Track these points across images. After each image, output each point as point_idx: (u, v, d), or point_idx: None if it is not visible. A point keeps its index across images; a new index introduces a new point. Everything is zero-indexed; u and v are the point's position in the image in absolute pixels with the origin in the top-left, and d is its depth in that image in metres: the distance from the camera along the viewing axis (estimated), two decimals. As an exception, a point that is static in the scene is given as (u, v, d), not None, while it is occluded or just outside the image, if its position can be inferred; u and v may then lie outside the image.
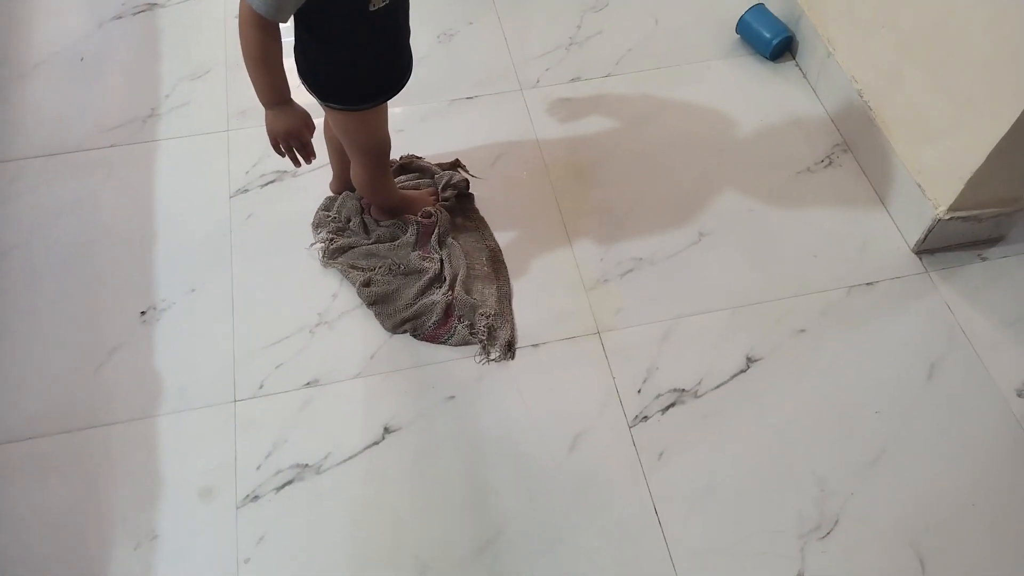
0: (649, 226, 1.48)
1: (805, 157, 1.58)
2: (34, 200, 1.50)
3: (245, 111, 1.65)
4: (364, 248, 1.41)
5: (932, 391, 1.29)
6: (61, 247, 1.43)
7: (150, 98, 1.67)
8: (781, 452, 1.23)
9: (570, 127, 1.63)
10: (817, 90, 1.68)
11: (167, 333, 1.34)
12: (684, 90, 1.69)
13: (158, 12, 1.85)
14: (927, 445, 1.24)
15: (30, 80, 1.70)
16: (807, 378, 1.30)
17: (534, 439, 1.24)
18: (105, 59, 1.75)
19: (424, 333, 1.33)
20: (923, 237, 1.41)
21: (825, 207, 1.51)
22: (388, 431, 1.24)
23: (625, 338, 1.34)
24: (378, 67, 1.16)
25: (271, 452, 1.21)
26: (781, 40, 1.71)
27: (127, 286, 1.39)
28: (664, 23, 1.82)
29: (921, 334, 1.35)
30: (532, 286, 1.40)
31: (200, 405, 1.26)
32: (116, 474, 1.19)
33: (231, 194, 1.52)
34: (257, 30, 1.02)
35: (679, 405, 1.28)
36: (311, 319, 1.35)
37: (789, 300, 1.39)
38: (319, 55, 1.12)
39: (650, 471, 1.21)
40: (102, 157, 1.57)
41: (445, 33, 1.80)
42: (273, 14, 0.99)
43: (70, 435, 1.23)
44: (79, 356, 1.30)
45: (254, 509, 1.16)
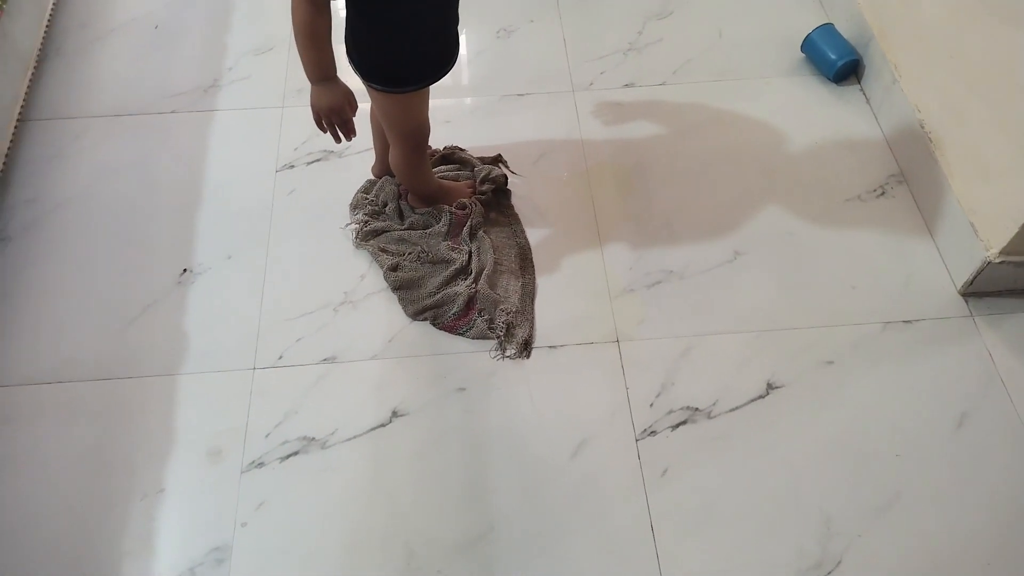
0: (684, 239, 1.45)
1: (857, 184, 1.53)
2: (94, 157, 1.57)
3: (302, 89, 1.68)
4: (396, 233, 1.43)
5: (960, 440, 1.23)
6: (113, 204, 1.50)
7: (214, 69, 1.73)
8: (790, 484, 1.19)
9: (617, 132, 1.62)
10: (879, 117, 1.62)
11: (199, 296, 1.38)
12: (740, 105, 1.66)
13: (233, -13, 1.91)
14: (946, 496, 1.18)
15: (106, 43, 1.78)
16: (828, 411, 1.26)
17: (539, 440, 1.23)
18: (178, 28, 1.82)
19: (443, 322, 1.34)
20: (971, 279, 1.35)
21: (871, 237, 1.45)
22: (396, 415, 1.25)
23: (644, 349, 1.32)
24: (422, 52, 1.18)
25: (281, 422, 1.24)
26: (847, 62, 1.65)
27: (169, 247, 1.44)
28: (728, 35, 1.79)
29: (956, 380, 1.29)
30: (557, 287, 1.40)
31: (221, 368, 1.30)
32: (134, 426, 1.24)
33: (277, 168, 1.56)
34: (308, 5, 1.05)
35: (690, 424, 1.25)
36: (337, 297, 1.38)
37: (820, 329, 1.34)
38: (366, 35, 1.14)
39: (652, 487, 1.19)
40: (162, 122, 1.63)
41: (505, 29, 1.81)
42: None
43: (97, 383, 1.28)
44: (116, 309, 1.36)
45: (258, 475, 1.20)
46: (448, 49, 1.22)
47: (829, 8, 1.80)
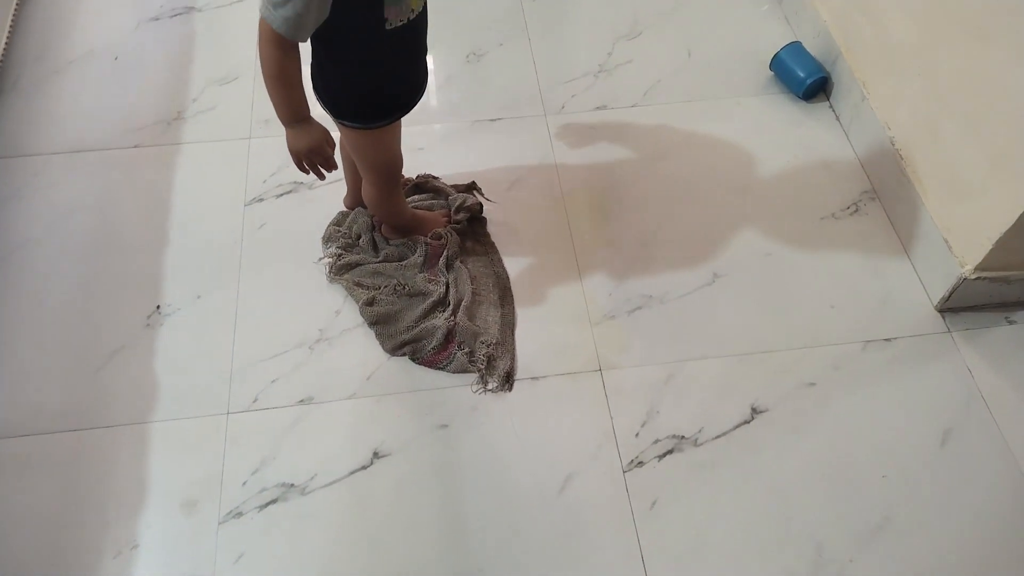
0: (663, 264, 1.44)
1: (831, 202, 1.54)
2: (54, 196, 1.52)
3: (269, 120, 1.65)
4: (371, 266, 1.41)
5: (945, 458, 1.23)
6: (74, 245, 1.45)
7: (178, 101, 1.69)
8: (779, 511, 1.18)
9: (591, 156, 1.61)
10: (849, 134, 1.63)
11: (169, 339, 1.34)
12: (711, 125, 1.66)
13: (195, 16, 1.87)
14: (935, 516, 1.18)
15: (64, 76, 1.73)
16: (813, 434, 1.25)
17: (525, 476, 1.21)
18: (138, 60, 1.77)
19: (423, 357, 1.31)
20: (948, 295, 1.36)
21: (847, 256, 1.46)
22: (377, 456, 1.22)
23: (627, 378, 1.31)
24: (392, 86, 1.16)
25: (258, 468, 1.20)
26: (815, 80, 1.66)
27: (135, 288, 1.40)
28: (697, 56, 1.79)
29: (938, 397, 1.29)
30: (537, 317, 1.38)
31: (193, 414, 1.26)
32: (104, 478, 1.19)
33: (246, 202, 1.52)
34: (276, 49, 1.02)
35: (677, 452, 1.24)
36: (312, 335, 1.35)
37: (801, 351, 1.34)
38: (334, 73, 1.12)
39: (641, 520, 1.17)
40: (124, 157, 1.59)
41: (475, 53, 1.79)
42: (293, 34, 0.99)
43: (63, 435, 1.23)
44: (81, 356, 1.31)
45: (236, 526, 1.15)
46: (418, 80, 1.20)
47: (796, 26, 1.82)
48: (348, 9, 1.00)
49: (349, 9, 1.00)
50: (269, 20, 0.98)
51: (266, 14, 0.98)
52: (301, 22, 0.98)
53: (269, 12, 0.97)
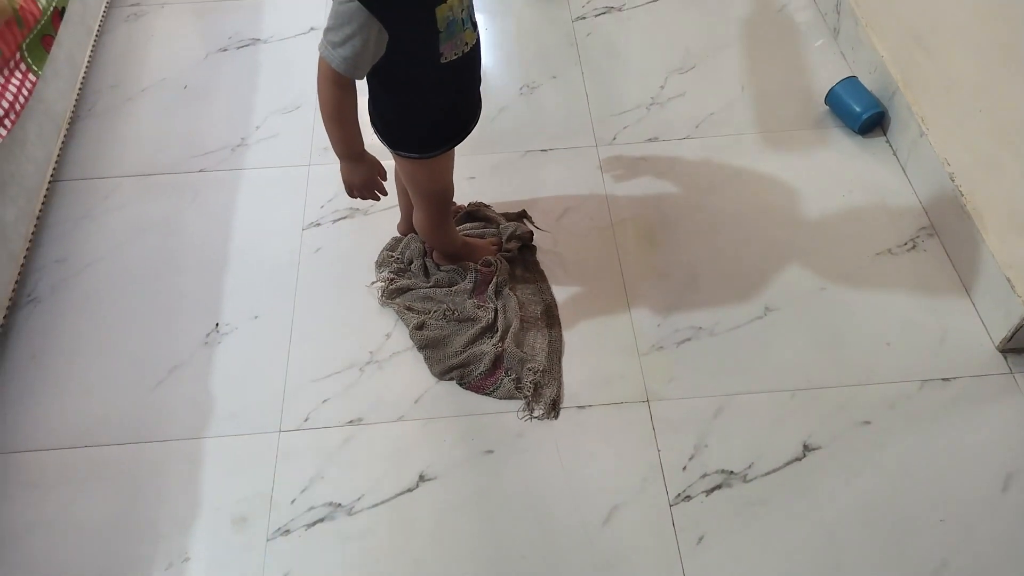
0: (713, 296, 1.43)
1: (888, 238, 1.51)
2: (122, 217, 1.59)
3: (327, 148, 1.66)
4: (422, 291, 1.43)
5: (1006, 505, 1.19)
6: (141, 264, 1.51)
7: (242, 128, 1.76)
8: (830, 553, 1.15)
9: (642, 187, 1.61)
10: (907, 170, 1.61)
11: (226, 357, 1.38)
12: (764, 159, 1.65)
13: (260, 47, 1.95)
14: (993, 563, 1.13)
15: (136, 103, 1.82)
16: (867, 475, 1.22)
17: (568, 506, 1.20)
18: (206, 88, 1.85)
19: (470, 382, 1.33)
20: (1010, 335, 1.32)
21: (904, 293, 1.43)
22: (423, 479, 1.23)
23: (675, 410, 1.30)
24: (446, 117, 1.19)
25: (307, 487, 1.22)
26: (872, 115, 1.65)
27: (195, 307, 1.44)
28: (751, 89, 1.79)
29: (1000, 440, 1.25)
30: (584, 345, 1.38)
31: (247, 432, 1.29)
32: (159, 492, 1.23)
33: (304, 226, 1.56)
34: (335, 87, 1.06)
35: (725, 488, 1.22)
36: (363, 357, 1.37)
37: (855, 388, 1.31)
38: (389, 106, 1.15)
39: (687, 555, 1.16)
40: (190, 181, 1.65)
41: (528, 85, 1.82)
42: (351, 72, 1.03)
43: (122, 447, 1.27)
44: (141, 371, 1.36)
45: (283, 543, 1.17)
46: (472, 111, 1.23)
47: (852, 61, 1.80)
48: (404, 47, 1.03)
49: (405, 47, 1.04)
50: (328, 59, 1.02)
51: (325, 53, 1.02)
52: (358, 61, 1.02)
53: (328, 51, 1.01)
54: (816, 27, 1.92)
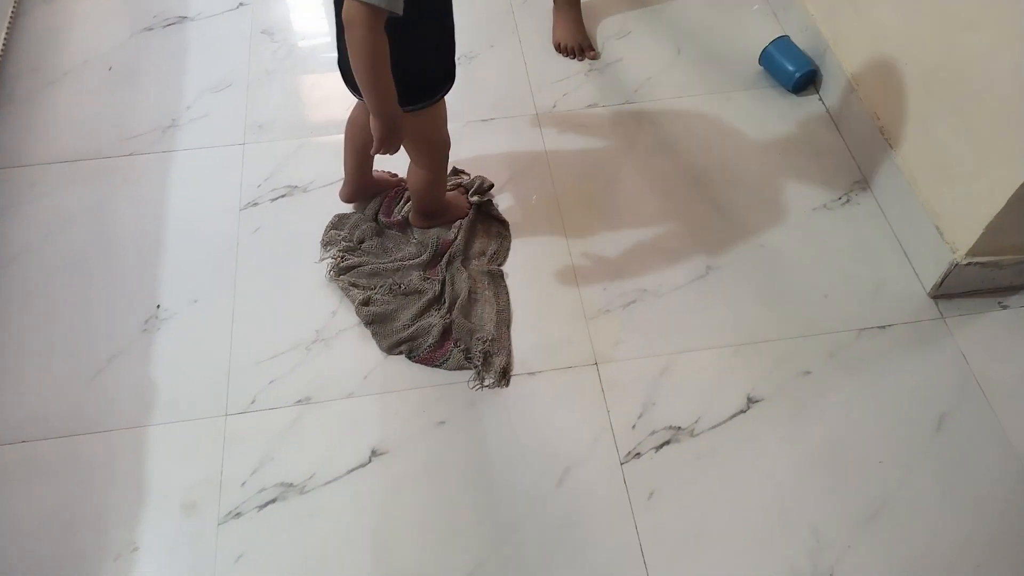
0: (656, 257, 1.45)
1: (822, 193, 1.54)
2: (49, 205, 1.53)
3: (262, 125, 1.67)
4: (369, 267, 1.41)
5: (940, 444, 1.23)
6: (71, 253, 1.46)
7: (171, 109, 1.70)
8: (777, 499, 1.19)
9: (583, 153, 1.62)
10: (839, 126, 1.64)
11: (166, 343, 1.35)
12: (702, 120, 1.67)
13: (187, 25, 1.88)
14: (931, 501, 1.18)
15: (59, 87, 1.75)
16: (809, 423, 1.26)
17: (523, 470, 1.21)
18: (132, 69, 1.79)
19: (419, 355, 1.32)
20: (940, 281, 1.36)
21: (840, 246, 1.46)
22: (375, 454, 1.23)
23: (623, 371, 1.31)
24: (449, 54, 1.20)
25: (257, 469, 1.21)
26: (804, 73, 1.67)
27: (131, 294, 1.40)
28: (686, 53, 1.80)
29: (932, 383, 1.30)
30: (532, 312, 1.39)
31: (191, 417, 1.26)
32: (103, 483, 1.20)
33: (241, 207, 1.53)
34: (373, 34, 0.98)
35: (674, 443, 1.24)
36: (308, 336, 1.35)
37: (795, 340, 1.35)
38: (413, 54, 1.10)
39: (639, 511, 1.18)
40: (119, 165, 1.60)
41: (466, 55, 1.80)
42: (392, 4, 0.96)
43: (62, 440, 1.24)
44: (78, 362, 1.32)
45: (235, 526, 1.16)
46: (453, 54, 1.22)
47: (784, 21, 1.83)
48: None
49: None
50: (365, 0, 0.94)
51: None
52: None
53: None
54: (748, -12, 1.94)
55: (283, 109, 1.70)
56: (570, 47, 1.74)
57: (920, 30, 1.37)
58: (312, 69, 1.80)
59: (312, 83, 1.77)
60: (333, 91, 1.75)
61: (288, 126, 1.66)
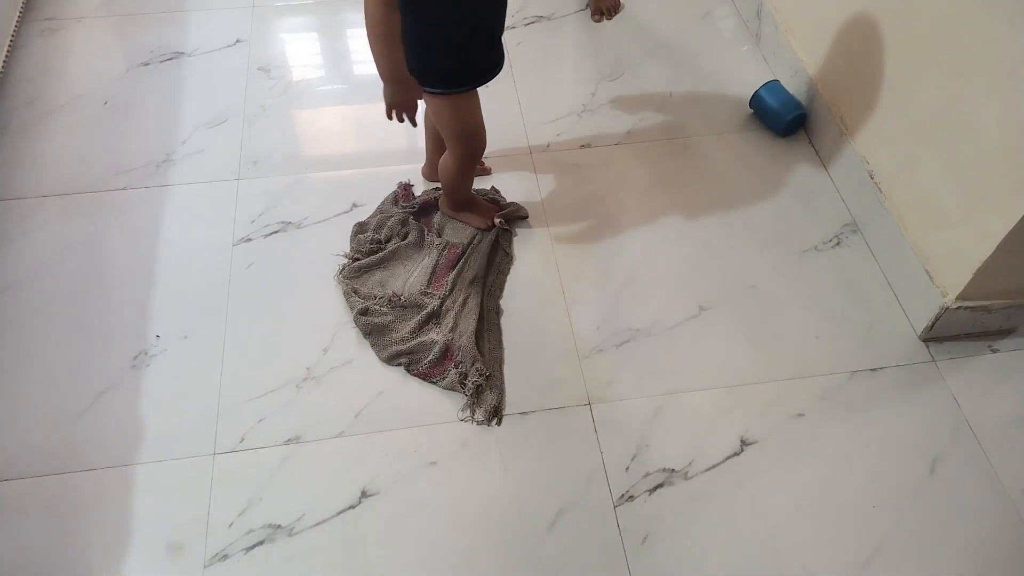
0: (649, 297, 1.46)
1: (813, 235, 1.56)
2: (41, 238, 1.52)
3: (257, 161, 1.67)
4: (378, 276, 1.45)
5: (933, 488, 1.23)
6: (63, 287, 1.45)
7: (166, 144, 1.71)
8: (770, 543, 1.18)
9: (576, 193, 1.63)
10: (829, 169, 1.66)
11: (155, 379, 1.33)
12: (694, 162, 1.69)
13: (184, 61, 1.90)
14: (925, 546, 1.18)
15: (53, 120, 1.75)
16: (802, 466, 1.25)
17: (514, 513, 1.20)
18: (128, 104, 1.79)
19: (418, 369, 1.34)
20: (931, 324, 1.37)
21: (831, 288, 1.47)
22: (365, 495, 1.21)
23: (616, 412, 1.31)
24: (469, 51, 1.23)
25: (245, 510, 1.19)
26: (794, 117, 1.70)
27: (122, 330, 1.39)
28: (679, 95, 1.83)
29: (925, 426, 1.30)
30: (525, 352, 1.38)
31: (179, 456, 1.24)
32: (88, 521, 1.18)
33: (234, 242, 1.53)
34: (382, 5, 1.11)
35: (667, 486, 1.23)
36: (299, 373, 1.34)
37: (788, 382, 1.35)
38: (417, 37, 1.17)
39: (632, 555, 1.16)
40: (113, 199, 1.60)
41: (460, 94, 1.82)
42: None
43: (47, 479, 1.21)
44: (66, 398, 1.30)
45: (221, 569, 1.14)
46: (495, 52, 1.27)
47: (774, 65, 1.86)
48: None
49: None
50: None
51: None
52: None
53: None
54: (739, 33, 1.98)
55: (278, 145, 1.71)
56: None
57: (909, 76, 1.39)
58: (308, 105, 1.81)
59: (308, 119, 1.78)
60: (328, 127, 1.77)
61: (283, 162, 1.67)
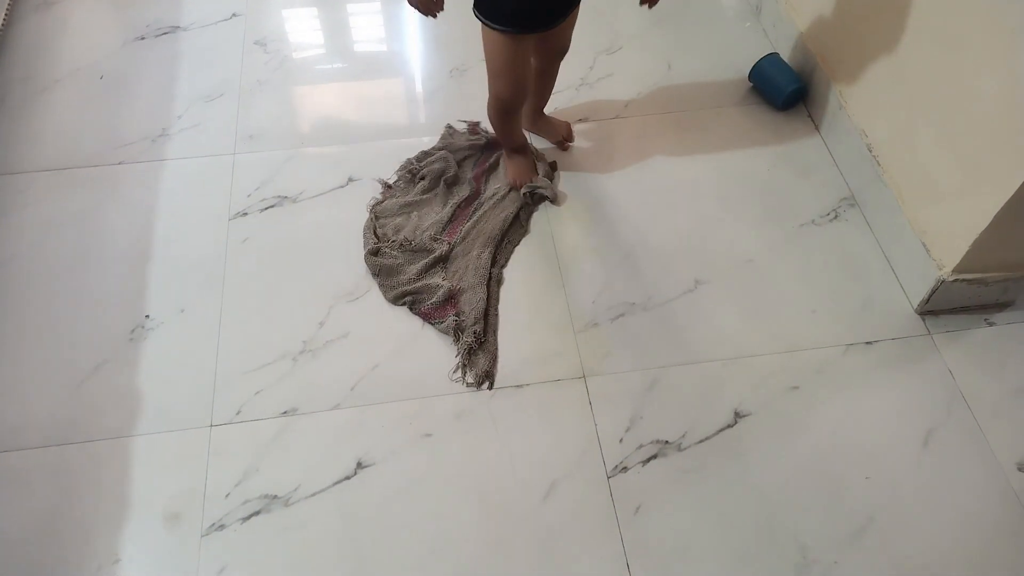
0: (645, 271, 1.45)
1: (811, 209, 1.55)
2: (38, 212, 1.52)
3: (253, 135, 1.67)
4: (397, 221, 1.49)
5: (927, 459, 1.24)
6: (58, 260, 1.45)
7: (163, 118, 1.70)
8: (763, 514, 1.18)
9: (574, 166, 1.62)
10: (827, 142, 1.65)
11: (152, 352, 1.34)
12: (692, 136, 1.68)
13: (180, 35, 1.89)
14: (918, 517, 1.18)
15: (50, 95, 1.75)
16: (796, 438, 1.26)
17: (509, 484, 1.21)
18: (124, 78, 1.79)
19: (421, 308, 1.38)
20: (927, 298, 1.37)
21: (828, 261, 1.47)
22: (361, 466, 1.22)
23: (611, 384, 1.31)
24: None
25: (241, 480, 1.20)
26: (794, 90, 1.69)
27: (119, 303, 1.40)
28: (677, 68, 1.82)
29: (919, 399, 1.30)
30: (521, 324, 1.38)
31: (176, 427, 1.25)
32: (86, 493, 1.19)
33: (230, 217, 1.53)
34: None
35: (661, 457, 1.24)
36: (296, 346, 1.35)
37: (783, 355, 1.35)
38: None
39: (625, 525, 1.17)
40: (109, 174, 1.60)
41: (458, 68, 1.81)
42: None
43: (46, 450, 1.23)
44: (64, 370, 1.31)
45: (218, 538, 1.15)
46: (544, 6, 1.29)
47: (774, 38, 1.84)
48: None
49: None
50: None
51: None
52: None
53: None
54: (740, 6, 1.96)
55: (274, 119, 1.70)
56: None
57: (907, 49, 1.38)
58: (304, 80, 1.80)
59: (304, 94, 1.77)
60: (325, 102, 1.76)
61: (279, 136, 1.67)
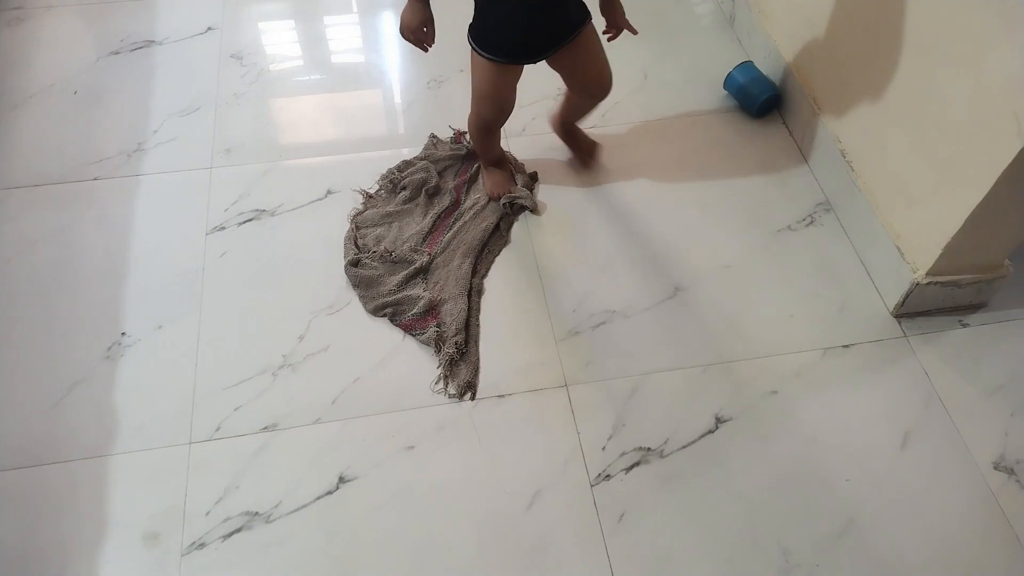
0: (625, 279, 1.46)
1: (787, 215, 1.57)
2: (13, 230, 1.51)
3: (230, 149, 1.66)
4: (378, 232, 1.49)
5: (905, 460, 1.25)
6: (33, 277, 1.43)
7: (138, 133, 1.69)
8: (746, 519, 1.19)
9: (552, 176, 1.63)
10: (802, 148, 1.67)
11: (129, 369, 1.32)
12: (669, 144, 1.69)
13: (155, 49, 1.88)
14: (898, 517, 1.19)
15: (23, 111, 1.73)
16: (777, 442, 1.27)
17: (492, 495, 1.21)
18: (98, 93, 1.77)
19: (402, 320, 1.38)
20: (902, 300, 1.39)
21: (804, 266, 1.49)
22: (343, 480, 1.21)
23: (593, 392, 1.32)
24: (505, 25, 1.29)
25: (221, 498, 1.19)
26: (768, 98, 1.71)
27: (94, 320, 1.38)
28: (653, 77, 1.83)
29: (897, 400, 1.32)
30: (502, 334, 1.39)
31: (155, 445, 1.24)
32: (64, 513, 1.17)
33: (208, 231, 1.52)
34: None
35: (644, 464, 1.24)
36: (275, 361, 1.34)
37: (762, 360, 1.36)
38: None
39: (610, 533, 1.17)
40: (84, 190, 1.58)
41: (435, 79, 1.82)
42: None
43: (21, 471, 1.21)
44: (39, 390, 1.29)
45: (199, 558, 1.13)
46: (535, 39, 1.32)
47: (748, 47, 1.87)
48: None
49: None
50: None
51: None
52: None
53: None
54: (713, 15, 1.98)
55: (251, 133, 1.70)
56: None
57: (879, 56, 1.40)
58: (281, 93, 1.80)
59: (281, 107, 1.77)
60: (303, 115, 1.76)
61: (256, 150, 1.66)
